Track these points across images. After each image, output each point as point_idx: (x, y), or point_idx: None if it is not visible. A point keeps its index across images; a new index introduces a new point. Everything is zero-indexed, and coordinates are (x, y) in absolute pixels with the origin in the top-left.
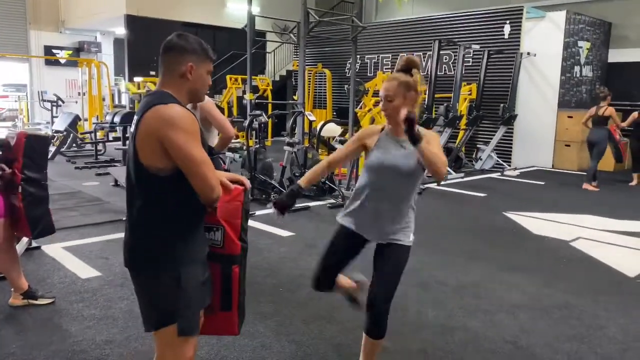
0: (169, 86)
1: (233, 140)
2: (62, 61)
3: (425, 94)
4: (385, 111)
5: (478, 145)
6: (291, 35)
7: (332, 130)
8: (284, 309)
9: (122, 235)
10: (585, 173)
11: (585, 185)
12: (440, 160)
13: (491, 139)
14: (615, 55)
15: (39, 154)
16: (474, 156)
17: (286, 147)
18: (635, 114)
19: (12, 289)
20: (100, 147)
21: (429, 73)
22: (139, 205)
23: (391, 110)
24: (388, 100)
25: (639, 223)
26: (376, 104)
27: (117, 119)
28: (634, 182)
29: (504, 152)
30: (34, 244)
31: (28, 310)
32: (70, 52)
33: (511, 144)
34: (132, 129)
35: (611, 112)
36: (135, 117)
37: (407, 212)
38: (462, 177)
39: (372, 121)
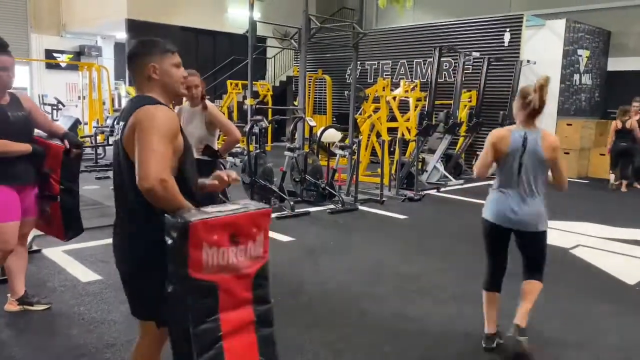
0: (145, 90)
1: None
2: (63, 65)
3: (424, 100)
4: None
5: (478, 152)
6: (292, 41)
7: (333, 136)
8: (284, 315)
9: None
10: (586, 181)
11: None
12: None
13: None
14: (615, 64)
15: (75, 164)
16: (473, 163)
17: (287, 153)
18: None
19: (9, 294)
20: (100, 150)
21: (429, 80)
22: (130, 208)
23: None
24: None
25: (638, 231)
26: (376, 110)
27: None
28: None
29: None
30: (34, 247)
31: (29, 314)
32: (71, 55)
33: None
34: (118, 136)
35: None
36: (122, 124)
37: None
38: (461, 184)
39: (372, 127)
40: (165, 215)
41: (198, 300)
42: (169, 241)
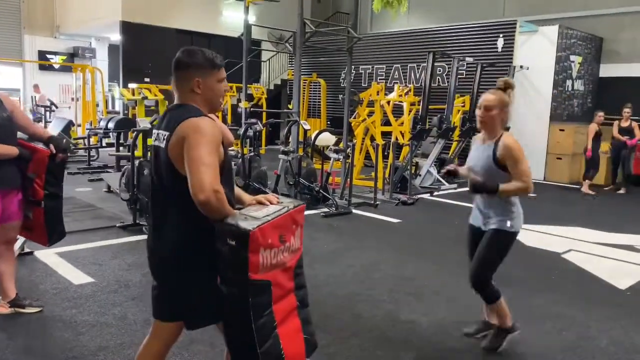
0: (187, 101)
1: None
2: (56, 66)
3: (418, 104)
4: (483, 118)
5: None
6: (287, 44)
7: (327, 139)
8: None
9: (115, 241)
10: (578, 186)
11: None
12: (518, 190)
13: None
14: (607, 70)
15: (60, 169)
16: None
17: (281, 156)
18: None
19: (0, 297)
20: (93, 153)
21: (423, 84)
22: (167, 210)
23: (488, 118)
24: (487, 110)
25: (629, 236)
26: (370, 114)
27: (111, 125)
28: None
29: None
30: (26, 250)
31: (20, 317)
32: (64, 57)
33: None
34: (163, 144)
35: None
36: (164, 133)
37: (499, 202)
38: (455, 188)
39: (366, 131)
40: (218, 223)
41: (256, 298)
42: (224, 248)
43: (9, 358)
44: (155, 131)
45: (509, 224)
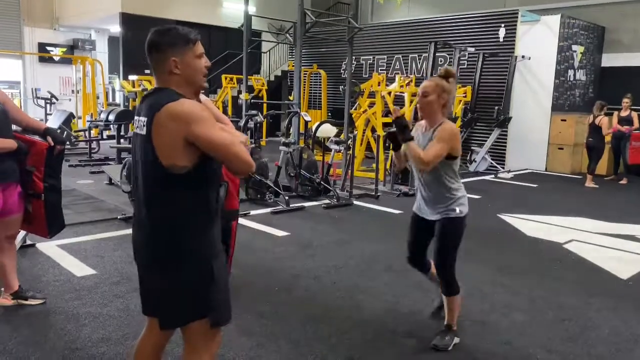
0: (166, 83)
1: None
2: (56, 58)
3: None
4: (421, 104)
5: (472, 148)
6: (287, 35)
7: (328, 131)
8: (280, 309)
9: (117, 233)
10: (579, 176)
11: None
12: (416, 156)
13: (485, 141)
14: (609, 60)
15: (58, 161)
16: (468, 158)
17: (282, 147)
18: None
19: (2, 289)
20: (94, 145)
21: (425, 75)
22: (161, 205)
23: (426, 104)
24: (424, 95)
25: (631, 226)
26: (371, 105)
27: (111, 117)
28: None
29: (498, 154)
30: (28, 242)
31: (23, 308)
32: (64, 49)
33: (505, 146)
34: (143, 131)
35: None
36: (143, 119)
37: (444, 191)
38: None
39: (367, 122)
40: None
41: None
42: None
43: (13, 349)
44: (135, 118)
45: (457, 210)
